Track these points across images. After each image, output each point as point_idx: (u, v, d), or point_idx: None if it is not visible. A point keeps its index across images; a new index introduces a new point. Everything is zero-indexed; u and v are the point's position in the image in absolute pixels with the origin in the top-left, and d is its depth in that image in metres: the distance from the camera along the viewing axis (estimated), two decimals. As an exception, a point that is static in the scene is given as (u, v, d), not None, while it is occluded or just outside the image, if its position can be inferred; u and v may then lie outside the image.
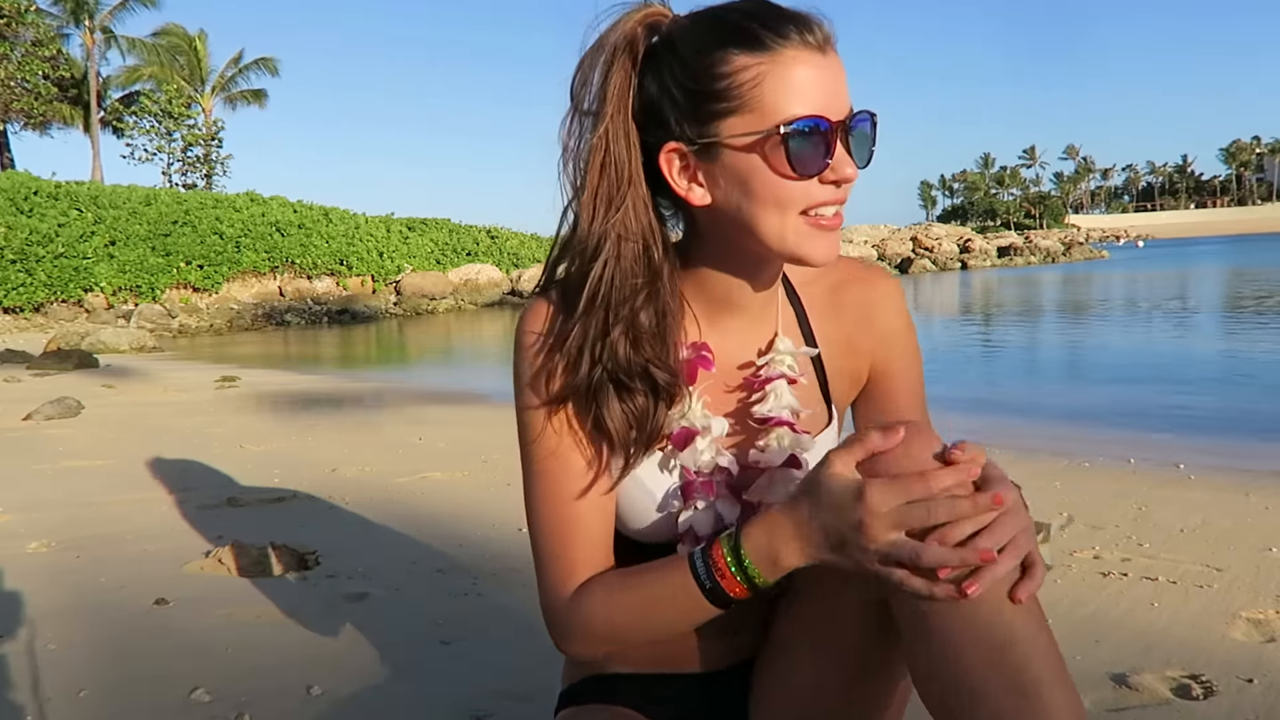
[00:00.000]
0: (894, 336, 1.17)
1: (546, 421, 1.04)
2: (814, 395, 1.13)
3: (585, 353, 1.01)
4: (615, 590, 1.02)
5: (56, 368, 9.55)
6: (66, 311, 19.27)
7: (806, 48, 0.93)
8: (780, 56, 0.93)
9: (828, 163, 0.95)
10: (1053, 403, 6.56)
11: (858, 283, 1.16)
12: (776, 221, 0.97)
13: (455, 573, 2.60)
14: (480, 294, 25.45)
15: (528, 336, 1.05)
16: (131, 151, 38.30)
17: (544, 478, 1.06)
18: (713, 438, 1.06)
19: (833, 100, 0.94)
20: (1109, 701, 1.71)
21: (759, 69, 0.93)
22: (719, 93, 0.94)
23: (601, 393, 1.01)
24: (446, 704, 1.76)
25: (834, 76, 0.95)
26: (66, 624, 2.16)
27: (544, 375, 1.03)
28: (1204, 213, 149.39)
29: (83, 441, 4.93)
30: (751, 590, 0.94)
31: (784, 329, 1.12)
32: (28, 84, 30.82)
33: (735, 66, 0.93)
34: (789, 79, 0.93)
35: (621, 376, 1.01)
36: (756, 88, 0.93)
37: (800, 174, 0.94)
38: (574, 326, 1.01)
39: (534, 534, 1.08)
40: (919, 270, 35.38)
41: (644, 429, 1.03)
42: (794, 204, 0.96)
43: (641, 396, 1.02)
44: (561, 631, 1.07)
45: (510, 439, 1.17)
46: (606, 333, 1.00)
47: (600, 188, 0.99)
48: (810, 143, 0.93)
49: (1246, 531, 2.85)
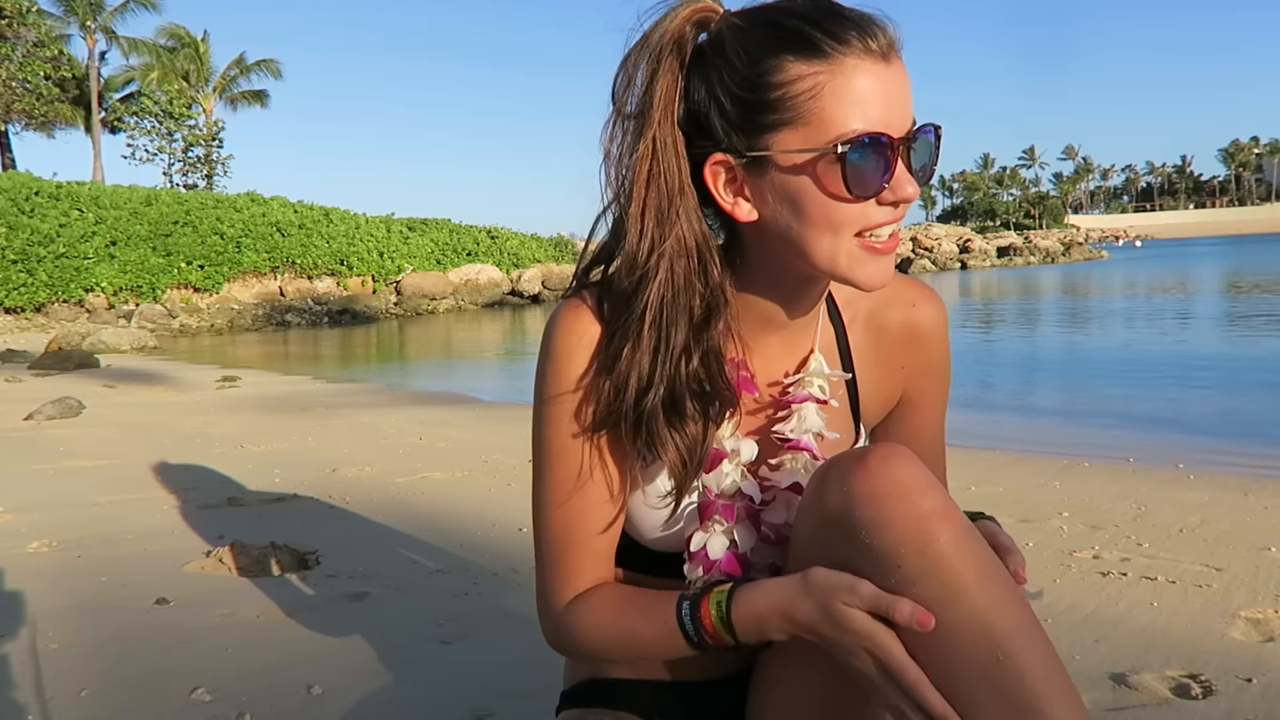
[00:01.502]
0: (933, 367, 1.13)
1: (572, 438, 1.00)
2: (844, 418, 1.10)
3: (636, 376, 0.95)
4: (607, 612, 1.01)
5: (57, 368, 9.56)
6: (67, 312, 19.28)
7: (869, 55, 0.86)
8: (840, 65, 0.86)
9: (886, 183, 0.89)
10: (1052, 402, 6.56)
11: (904, 304, 1.11)
12: (829, 244, 0.91)
13: (455, 573, 2.61)
14: (481, 294, 25.47)
15: (564, 346, 0.98)
16: (132, 152, 38.35)
17: (556, 488, 1.03)
18: (740, 461, 1.02)
19: (895, 113, 0.88)
20: (1108, 701, 1.71)
21: (817, 79, 0.86)
22: (772, 103, 0.88)
23: (654, 421, 0.95)
24: (446, 704, 1.76)
25: (898, 87, 0.88)
26: (68, 624, 2.16)
27: (584, 395, 0.98)
28: (1203, 213, 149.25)
29: (83, 441, 4.94)
30: (736, 641, 0.94)
31: (821, 347, 1.08)
32: (29, 84, 30.84)
33: (790, 75, 0.87)
34: (849, 90, 0.86)
35: (675, 400, 0.95)
36: (813, 99, 0.87)
37: (857, 195, 0.88)
38: (625, 346, 0.95)
39: (538, 537, 1.07)
40: (919, 270, 35.42)
41: (695, 456, 0.98)
42: (849, 226, 0.90)
43: (694, 422, 0.97)
44: (552, 637, 1.07)
45: (510, 439, 1.16)
46: (658, 353, 0.94)
47: (649, 200, 0.93)
48: (869, 161, 0.87)
49: (1246, 531, 2.85)
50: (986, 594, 0.85)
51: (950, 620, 0.84)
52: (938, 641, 0.85)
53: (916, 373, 1.13)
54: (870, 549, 0.86)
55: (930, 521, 0.85)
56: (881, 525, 0.85)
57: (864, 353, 1.11)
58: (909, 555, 0.84)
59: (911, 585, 0.85)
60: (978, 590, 0.84)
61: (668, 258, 0.93)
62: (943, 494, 0.87)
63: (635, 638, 0.99)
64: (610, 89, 0.95)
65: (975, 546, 0.87)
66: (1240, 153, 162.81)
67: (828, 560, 0.92)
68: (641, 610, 0.99)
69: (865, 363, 1.11)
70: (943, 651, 0.85)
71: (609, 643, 1.02)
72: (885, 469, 0.86)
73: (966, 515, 0.94)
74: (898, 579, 0.85)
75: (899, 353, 1.12)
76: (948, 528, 0.86)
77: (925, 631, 0.83)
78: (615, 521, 1.05)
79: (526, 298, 25.92)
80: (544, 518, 1.05)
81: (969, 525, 0.89)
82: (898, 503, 0.85)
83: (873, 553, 0.86)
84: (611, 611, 1.01)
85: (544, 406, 1.01)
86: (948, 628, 0.84)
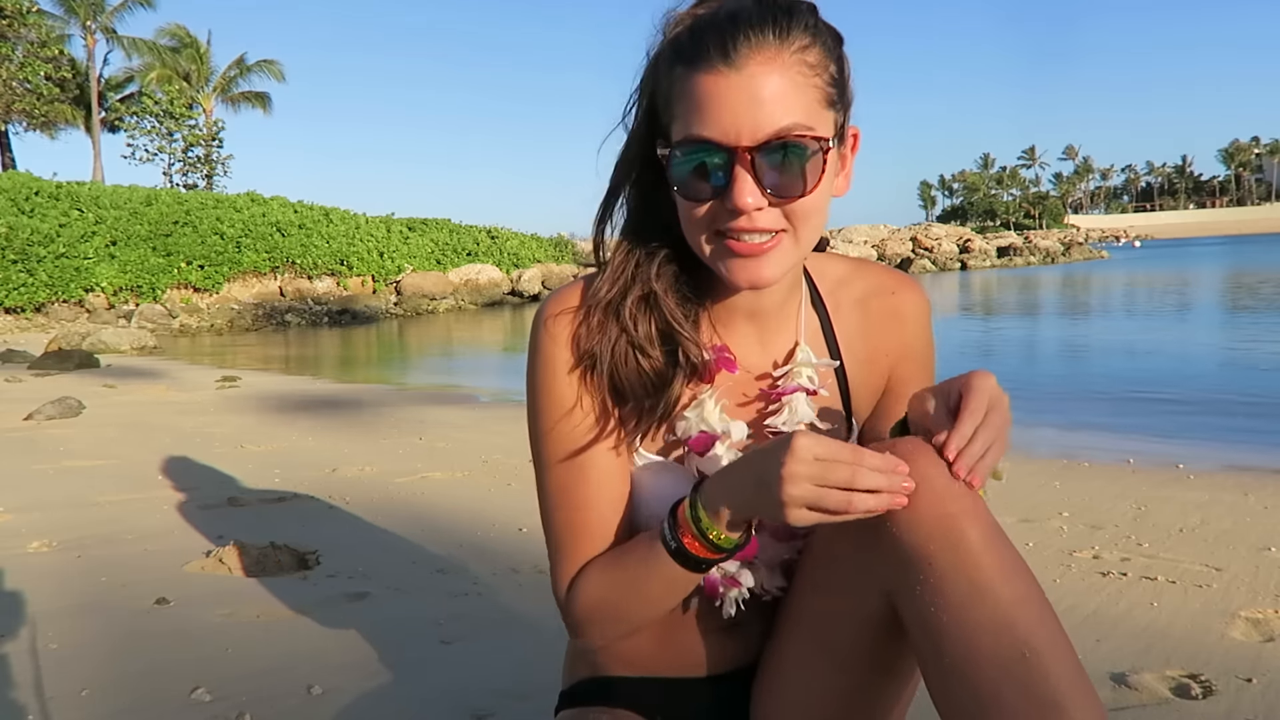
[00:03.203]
0: (914, 351, 1.15)
1: (570, 421, 1.02)
2: (835, 408, 1.11)
3: (611, 314, 1.00)
4: (606, 567, 1.02)
5: (57, 368, 9.54)
6: (67, 311, 19.27)
7: (719, 62, 0.87)
8: (691, 71, 0.89)
9: (721, 190, 0.90)
10: (1052, 402, 6.56)
11: (886, 293, 1.14)
12: (694, 239, 0.97)
13: (455, 573, 2.61)
14: (481, 294, 25.47)
15: (550, 325, 1.03)
16: (132, 152, 38.33)
17: (554, 475, 1.04)
18: (732, 443, 1.04)
19: (738, 122, 0.87)
20: (1109, 701, 1.71)
21: (676, 84, 0.91)
22: (662, 105, 0.94)
23: (621, 354, 1.00)
24: (446, 704, 1.76)
25: (746, 96, 0.87)
26: (68, 624, 2.16)
27: (575, 367, 1.02)
28: (1203, 213, 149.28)
29: (84, 441, 4.93)
30: (710, 548, 0.93)
31: (807, 338, 1.09)
32: (29, 84, 30.85)
33: (671, 78, 0.92)
34: (691, 95, 0.89)
35: (642, 342, 1.00)
36: (674, 103, 0.91)
37: (687, 197, 0.93)
38: (600, 290, 1.01)
39: (546, 527, 1.08)
40: (919, 270, 35.39)
41: (660, 394, 1.01)
42: (696, 226, 0.95)
43: (660, 363, 1.01)
44: (568, 620, 1.07)
45: (510, 439, 1.17)
46: (626, 295, 1.00)
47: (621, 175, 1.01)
48: (694, 168, 0.91)
49: (1245, 531, 2.85)
50: (1013, 591, 0.86)
51: (977, 618, 0.85)
52: (963, 638, 0.85)
53: (900, 358, 1.15)
54: (899, 544, 0.87)
55: (960, 519, 0.86)
56: (911, 521, 0.86)
57: (850, 340, 1.12)
58: (939, 552, 0.86)
59: (941, 582, 0.86)
60: (1004, 587, 0.85)
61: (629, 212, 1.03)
62: (969, 491, 0.88)
63: (633, 580, 1.00)
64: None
65: (1002, 544, 0.88)
66: (1240, 153, 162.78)
67: (853, 555, 0.93)
68: (635, 547, 1.01)
69: (851, 350, 1.12)
70: (968, 648, 0.85)
71: (612, 600, 1.02)
72: (913, 465, 0.87)
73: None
74: (926, 575, 0.86)
75: (881, 338, 1.14)
76: (977, 525, 0.87)
77: None
78: (618, 511, 1.05)
79: (526, 298, 25.92)
80: (548, 509, 1.07)
81: (995, 523, 0.90)
82: (927, 499, 0.86)
83: (902, 548, 0.87)
84: (609, 565, 1.02)
85: (537, 394, 1.04)
86: (974, 624, 0.85)
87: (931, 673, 0.90)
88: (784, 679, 1.08)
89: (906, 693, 1.08)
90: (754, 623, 1.11)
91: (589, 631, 1.06)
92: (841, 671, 1.02)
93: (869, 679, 1.02)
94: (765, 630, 1.13)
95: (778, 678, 1.09)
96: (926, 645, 0.89)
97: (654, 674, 1.15)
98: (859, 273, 1.15)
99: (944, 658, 0.87)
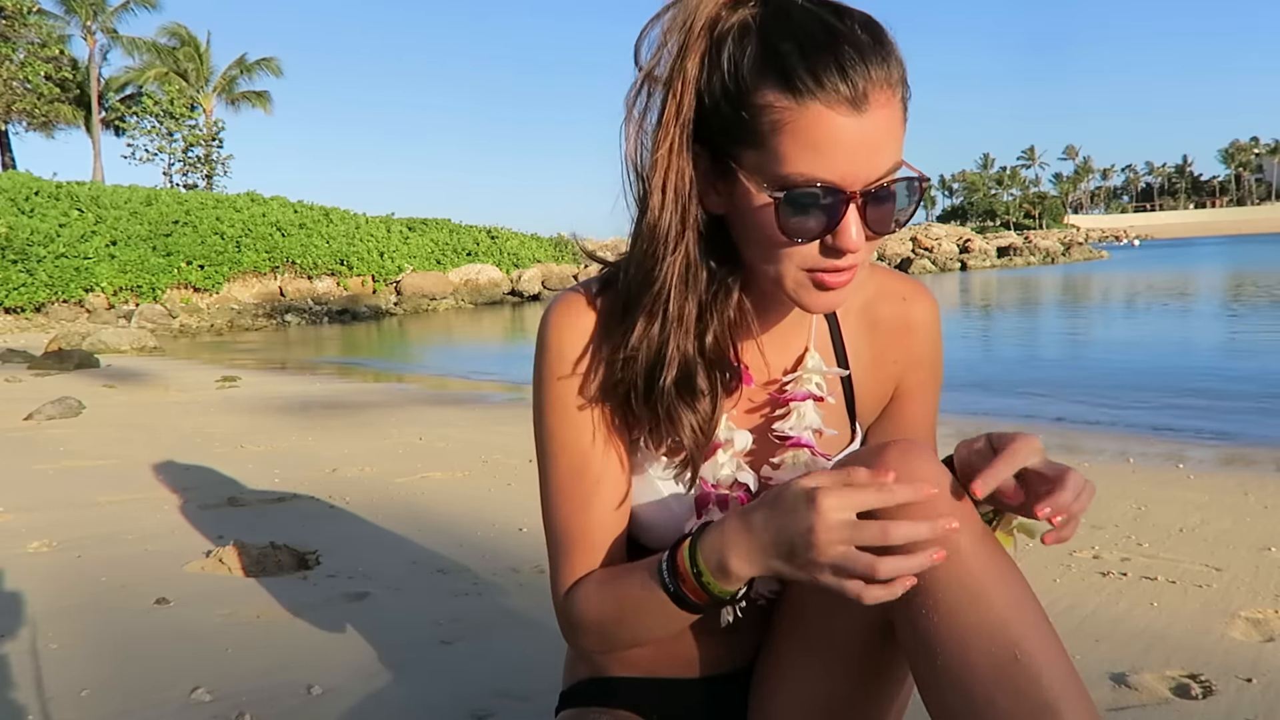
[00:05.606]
0: (923, 361, 1.13)
1: (571, 424, 1.00)
2: (840, 415, 1.10)
3: (647, 349, 0.95)
4: (601, 588, 1.01)
5: (57, 368, 9.54)
6: (67, 311, 19.28)
7: (840, 103, 0.81)
8: (806, 109, 0.82)
9: (829, 233, 0.86)
10: (1051, 402, 6.56)
11: (896, 299, 1.11)
12: (773, 270, 0.91)
13: (455, 573, 2.61)
14: (480, 294, 25.49)
15: (560, 333, 0.99)
16: (132, 152, 38.40)
17: (558, 476, 1.03)
18: (735, 452, 1.03)
19: (856, 166, 0.83)
20: (1108, 701, 1.71)
21: (783, 114, 0.83)
22: (745, 121, 0.85)
23: (668, 399, 0.96)
24: (446, 704, 1.76)
25: (865, 138, 0.83)
26: (68, 624, 2.16)
27: (582, 379, 0.99)
28: (1203, 213, 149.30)
29: (83, 441, 4.93)
30: (711, 599, 0.91)
31: (816, 343, 1.08)
32: (29, 84, 30.86)
33: (764, 102, 0.84)
34: (808, 136, 0.82)
35: (689, 376, 0.95)
36: (774, 134, 0.84)
37: (791, 239, 0.87)
38: (638, 319, 0.94)
39: (547, 526, 1.07)
40: (918, 270, 35.38)
41: (709, 430, 0.98)
42: (789, 261, 0.89)
43: (705, 397, 0.97)
44: (563, 625, 1.07)
45: (510, 439, 1.17)
46: (671, 325, 0.94)
47: (670, 171, 0.90)
48: (810, 211, 0.85)
49: (1245, 531, 2.85)
50: (1004, 594, 0.86)
51: (968, 622, 0.85)
52: (955, 641, 0.85)
53: (908, 366, 1.13)
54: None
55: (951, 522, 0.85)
56: None
57: (858, 348, 1.11)
58: None
59: (932, 586, 0.86)
60: (995, 590, 0.85)
61: (690, 229, 0.92)
62: (960, 496, 0.88)
63: (627, 610, 0.99)
64: (635, 43, 0.92)
65: (992, 546, 0.88)
66: (1240, 153, 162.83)
67: None
68: (630, 577, 0.99)
69: (859, 358, 1.11)
70: (960, 651, 0.85)
71: (606, 623, 1.01)
72: (904, 466, 0.87)
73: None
74: (918, 578, 0.85)
75: (891, 346, 1.12)
76: (969, 529, 0.87)
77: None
78: (619, 513, 1.04)
79: (526, 297, 25.94)
80: (549, 510, 1.06)
81: (985, 526, 0.90)
82: (919, 503, 0.85)
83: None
84: (604, 587, 1.01)
85: (543, 394, 1.02)
86: (966, 628, 0.85)
87: (924, 676, 0.90)
88: (780, 681, 1.08)
89: (902, 695, 1.08)
90: (751, 625, 1.11)
91: (583, 642, 1.06)
92: (837, 674, 1.02)
93: (864, 682, 1.02)
94: (762, 633, 1.13)
95: (774, 680, 1.09)
96: (918, 649, 0.89)
97: (653, 674, 1.15)
98: (869, 278, 1.12)
99: (936, 661, 0.87)
